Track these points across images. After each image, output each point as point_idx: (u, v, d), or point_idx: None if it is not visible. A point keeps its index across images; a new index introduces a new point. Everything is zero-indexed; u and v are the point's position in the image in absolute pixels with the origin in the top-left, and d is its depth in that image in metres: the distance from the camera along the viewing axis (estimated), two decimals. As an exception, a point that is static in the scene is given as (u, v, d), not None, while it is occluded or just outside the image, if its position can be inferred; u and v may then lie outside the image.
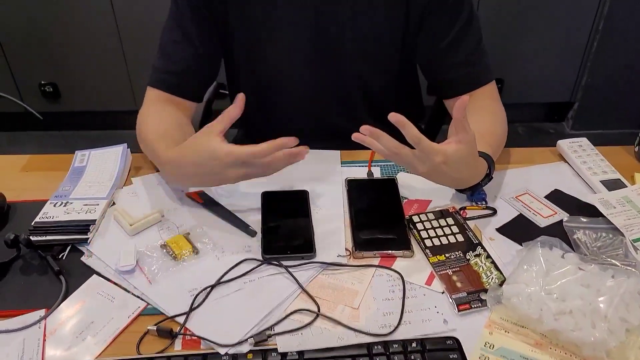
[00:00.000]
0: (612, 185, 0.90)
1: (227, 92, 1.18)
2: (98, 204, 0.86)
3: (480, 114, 0.94)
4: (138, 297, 0.73)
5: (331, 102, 1.08)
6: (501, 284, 0.71)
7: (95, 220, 0.83)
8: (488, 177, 0.84)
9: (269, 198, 0.88)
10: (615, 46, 2.31)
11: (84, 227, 0.82)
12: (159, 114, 0.96)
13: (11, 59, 2.34)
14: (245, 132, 1.26)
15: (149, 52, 2.20)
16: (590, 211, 0.85)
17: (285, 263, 0.77)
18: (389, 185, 0.91)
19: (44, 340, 0.67)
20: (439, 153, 0.74)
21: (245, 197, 0.90)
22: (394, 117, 0.70)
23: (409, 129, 0.71)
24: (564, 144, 0.99)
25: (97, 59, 2.33)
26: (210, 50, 1.00)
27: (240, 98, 0.77)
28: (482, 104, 0.96)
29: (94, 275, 0.76)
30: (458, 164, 0.76)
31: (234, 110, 0.77)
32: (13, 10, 2.20)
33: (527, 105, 2.60)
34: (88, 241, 0.81)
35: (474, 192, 0.87)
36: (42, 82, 2.39)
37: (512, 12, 2.25)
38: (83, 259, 0.78)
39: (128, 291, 0.74)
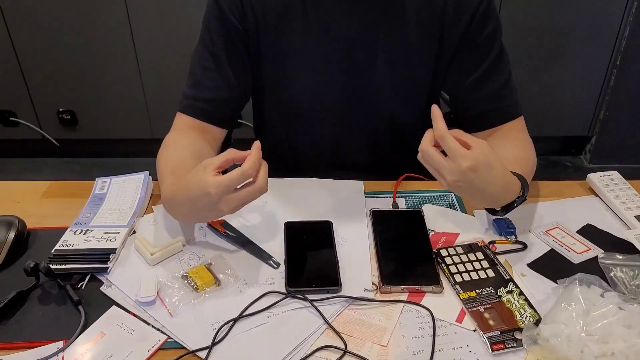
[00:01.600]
0: (647, 221, 0.87)
1: (243, 120, 1.17)
2: (118, 232, 0.85)
3: (510, 142, 0.93)
4: (158, 329, 0.71)
5: (357, 134, 1.06)
6: (536, 323, 0.68)
7: (115, 249, 0.81)
8: (521, 197, 0.80)
9: (292, 228, 0.86)
10: (632, 80, 2.30)
11: (104, 255, 0.80)
12: (182, 142, 0.94)
13: (31, 86, 2.37)
14: (267, 159, 1.24)
15: (166, 81, 2.26)
16: (625, 247, 0.82)
17: (310, 297, 0.74)
18: (415, 217, 0.89)
19: (61, 373, 0.65)
20: (467, 157, 0.70)
21: (268, 227, 0.88)
22: (435, 109, 0.73)
23: (438, 123, 0.72)
24: (594, 177, 0.96)
25: (115, 88, 2.36)
26: (241, 79, 0.99)
27: (257, 147, 0.74)
28: (511, 135, 0.96)
29: (114, 306, 0.74)
30: (487, 171, 0.72)
31: (244, 158, 0.73)
32: (33, 39, 2.24)
33: (544, 139, 2.58)
34: (108, 270, 0.79)
35: (507, 212, 0.82)
36: (60, 110, 2.42)
37: (529, 45, 2.25)
38: (102, 288, 0.77)
39: (148, 323, 0.71)
